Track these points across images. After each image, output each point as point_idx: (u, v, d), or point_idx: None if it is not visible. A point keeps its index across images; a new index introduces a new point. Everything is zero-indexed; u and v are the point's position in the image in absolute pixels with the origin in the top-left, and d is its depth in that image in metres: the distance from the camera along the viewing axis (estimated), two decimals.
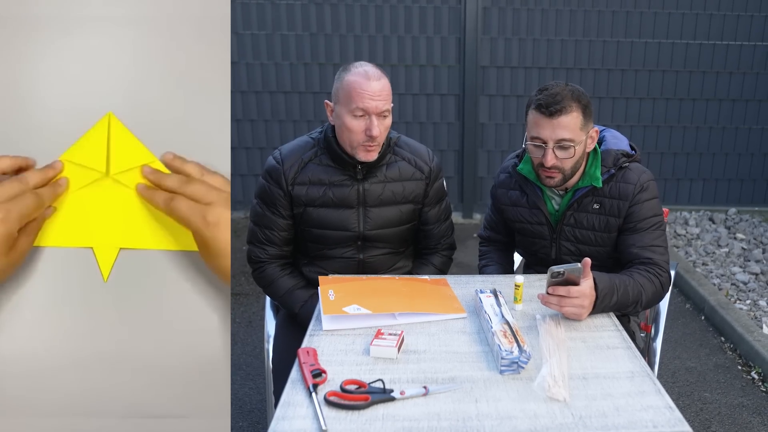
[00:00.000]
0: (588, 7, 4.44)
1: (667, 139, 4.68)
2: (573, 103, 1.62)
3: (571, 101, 1.62)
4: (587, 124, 1.67)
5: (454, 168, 4.74)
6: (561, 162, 1.66)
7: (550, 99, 1.61)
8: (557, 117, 1.61)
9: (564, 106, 1.61)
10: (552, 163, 1.65)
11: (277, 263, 1.87)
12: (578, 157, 1.68)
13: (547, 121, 1.63)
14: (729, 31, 4.49)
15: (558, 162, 1.66)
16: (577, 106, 1.63)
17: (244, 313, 3.27)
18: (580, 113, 1.64)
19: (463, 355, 1.35)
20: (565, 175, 1.70)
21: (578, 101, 1.63)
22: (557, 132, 1.63)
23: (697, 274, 3.61)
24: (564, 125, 1.62)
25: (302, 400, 1.18)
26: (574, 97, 1.63)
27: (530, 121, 1.68)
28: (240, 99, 4.55)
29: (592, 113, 1.69)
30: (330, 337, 1.43)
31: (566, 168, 1.68)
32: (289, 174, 1.78)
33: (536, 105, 1.64)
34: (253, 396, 2.56)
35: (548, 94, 1.63)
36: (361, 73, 1.66)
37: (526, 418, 1.12)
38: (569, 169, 1.69)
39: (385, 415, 1.13)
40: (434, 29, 4.49)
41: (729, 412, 2.47)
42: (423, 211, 1.91)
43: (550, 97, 1.62)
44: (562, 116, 1.61)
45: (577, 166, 1.71)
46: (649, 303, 1.64)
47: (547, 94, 1.62)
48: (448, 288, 1.67)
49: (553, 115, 1.61)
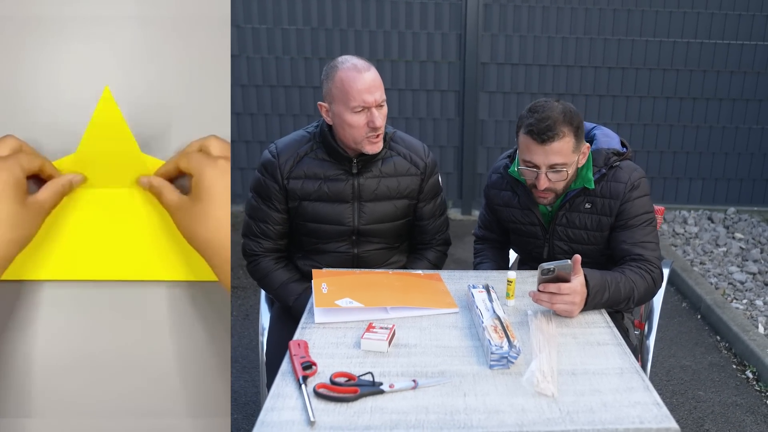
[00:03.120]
0: (589, 5, 4.43)
1: (667, 137, 4.67)
2: (565, 127, 1.59)
3: (562, 126, 1.59)
4: (579, 146, 1.65)
5: (453, 164, 4.74)
6: (554, 184, 1.66)
7: (542, 124, 1.58)
8: (549, 143, 1.59)
9: (556, 132, 1.58)
10: (545, 186, 1.65)
11: (271, 256, 1.88)
12: (572, 176, 1.69)
13: (539, 148, 1.60)
14: (730, 31, 4.48)
15: (551, 185, 1.66)
16: (569, 130, 1.60)
17: (241, 306, 3.28)
18: (572, 137, 1.61)
19: (453, 349, 1.35)
20: (558, 194, 1.71)
21: (570, 124, 1.60)
22: (550, 158, 1.61)
23: (695, 273, 3.61)
24: (557, 151, 1.60)
25: (292, 391, 1.19)
26: (565, 120, 1.59)
27: (522, 144, 1.65)
28: (240, 92, 4.55)
29: (583, 131, 1.67)
30: (322, 329, 1.44)
31: (559, 189, 1.69)
32: (284, 168, 1.79)
33: (527, 130, 1.61)
34: (248, 389, 2.57)
35: (539, 118, 1.59)
36: (351, 68, 1.66)
37: (514, 412, 1.13)
38: (562, 189, 1.71)
39: (374, 407, 1.14)
40: (435, 25, 4.49)
41: (722, 411, 2.48)
42: (418, 207, 1.91)
43: (542, 122, 1.58)
44: (554, 142, 1.59)
45: (569, 183, 1.72)
46: (641, 300, 1.65)
47: (539, 118, 1.59)
48: (441, 283, 1.68)
49: (545, 142, 1.59)
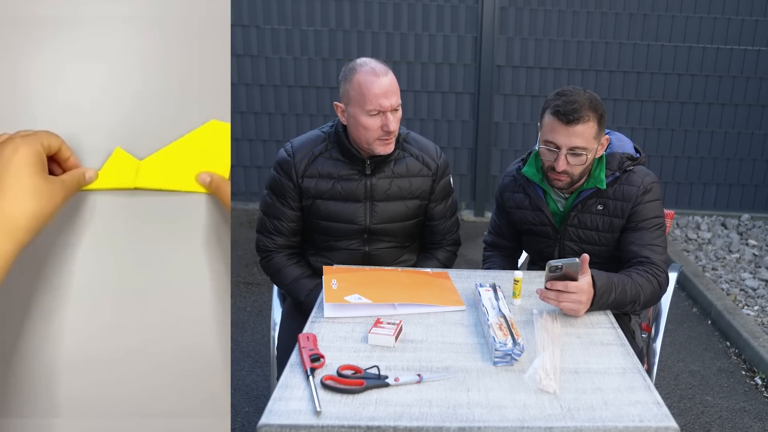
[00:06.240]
0: (605, 9, 4.44)
1: (681, 142, 4.66)
2: (590, 112, 1.64)
3: (588, 111, 1.64)
4: (601, 133, 1.70)
5: (467, 166, 4.77)
6: (571, 168, 1.70)
7: (569, 106, 1.63)
8: (573, 125, 1.64)
9: (581, 115, 1.63)
10: (563, 168, 1.69)
11: (284, 253, 1.92)
12: (589, 163, 1.72)
13: (563, 128, 1.65)
14: (747, 36, 4.46)
15: (569, 168, 1.69)
16: (594, 116, 1.65)
17: (255, 302, 3.32)
18: (595, 123, 1.66)
19: (458, 346, 1.38)
20: (573, 179, 1.74)
21: (595, 111, 1.65)
22: (572, 139, 1.65)
23: (706, 279, 3.61)
24: (579, 134, 1.65)
25: (300, 382, 1.23)
26: (591, 106, 1.65)
27: (546, 125, 1.70)
28: (244, 92, 4.61)
29: (606, 122, 1.72)
30: (331, 324, 1.47)
31: (575, 174, 1.72)
32: (299, 166, 1.83)
33: (554, 110, 1.66)
34: (260, 383, 2.62)
35: (567, 100, 1.64)
36: (369, 72, 1.70)
37: (516, 408, 1.15)
38: (578, 175, 1.73)
39: (379, 399, 1.17)
40: (451, 28, 4.51)
41: (730, 417, 2.48)
42: (429, 207, 1.94)
43: (569, 105, 1.63)
44: (578, 125, 1.64)
45: (585, 171, 1.75)
46: (647, 303, 1.67)
47: (566, 101, 1.64)
48: (448, 281, 1.71)
49: (570, 123, 1.64)
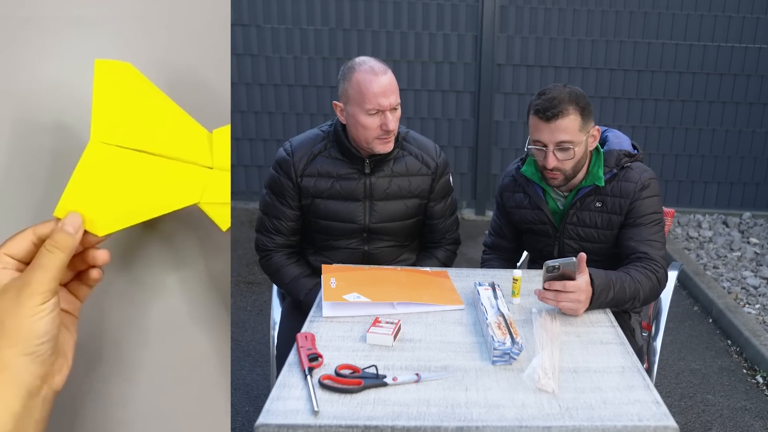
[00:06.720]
0: (605, 7, 4.43)
1: (682, 140, 4.65)
2: (570, 105, 1.66)
3: (567, 104, 1.66)
4: (587, 125, 1.71)
5: (467, 165, 4.76)
6: (562, 163, 1.71)
7: (548, 103, 1.66)
8: (555, 121, 1.66)
9: (561, 109, 1.65)
10: (553, 164, 1.70)
11: (283, 252, 1.91)
12: (579, 157, 1.72)
13: (545, 125, 1.67)
14: (747, 34, 4.45)
15: (559, 163, 1.71)
16: (575, 109, 1.67)
17: (256, 301, 3.32)
18: (578, 115, 1.67)
19: (457, 345, 1.38)
20: (567, 175, 1.74)
21: (576, 103, 1.67)
22: (556, 135, 1.67)
23: (707, 277, 3.60)
24: (562, 128, 1.66)
25: (297, 382, 1.22)
26: (571, 99, 1.67)
27: (531, 125, 1.73)
28: (244, 91, 4.61)
29: (591, 113, 1.72)
30: (329, 323, 1.47)
31: (567, 169, 1.73)
32: (298, 166, 1.82)
33: (535, 110, 1.69)
34: (260, 382, 2.62)
35: (546, 98, 1.67)
36: (367, 71, 1.69)
37: (514, 407, 1.15)
38: (570, 170, 1.74)
39: (377, 399, 1.16)
40: (451, 26, 4.51)
41: (731, 415, 2.48)
42: (428, 206, 1.94)
43: (548, 102, 1.66)
44: (559, 120, 1.66)
45: (579, 165, 1.74)
46: (646, 299, 1.67)
47: (545, 99, 1.67)
48: (448, 280, 1.70)
49: (551, 119, 1.66)
